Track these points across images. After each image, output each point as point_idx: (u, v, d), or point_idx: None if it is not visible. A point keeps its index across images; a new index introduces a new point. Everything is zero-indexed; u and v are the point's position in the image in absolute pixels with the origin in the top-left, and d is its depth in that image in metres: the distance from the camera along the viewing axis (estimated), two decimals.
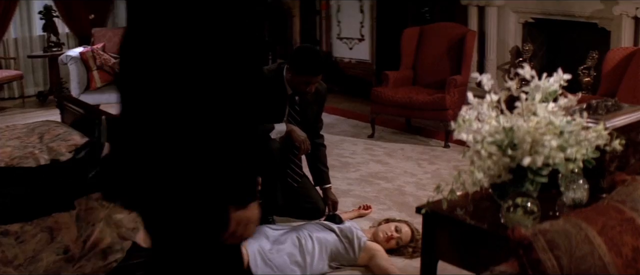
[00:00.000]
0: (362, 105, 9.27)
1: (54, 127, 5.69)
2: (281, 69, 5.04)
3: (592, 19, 7.76)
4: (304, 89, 4.97)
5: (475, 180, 2.47)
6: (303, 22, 11.09)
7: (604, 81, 6.79)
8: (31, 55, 11.32)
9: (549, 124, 2.45)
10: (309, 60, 4.90)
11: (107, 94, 8.99)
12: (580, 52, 7.78)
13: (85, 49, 9.22)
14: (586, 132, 2.61)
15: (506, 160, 2.47)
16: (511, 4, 8.52)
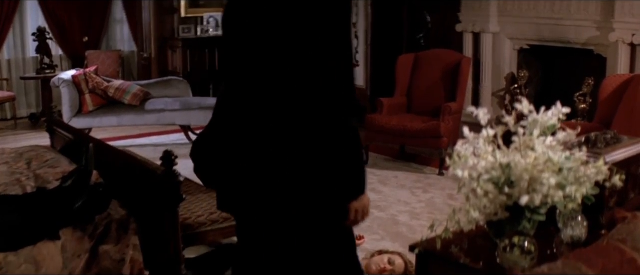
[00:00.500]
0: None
1: (43, 153, 5.60)
2: None
3: (588, 45, 7.71)
4: None
5: (470, 218, 2.38)
6: None
7: (600, 108, 6.71)
8: (24, 77, 11.26)
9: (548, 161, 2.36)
10: None
11: (99, 117, 8.89)
12: (576, 79, 7.73)
13: (77, 72, 9.13)
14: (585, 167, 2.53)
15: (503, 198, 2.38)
16: (506, 31, 8.46)
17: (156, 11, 11.52)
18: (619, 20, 7.24)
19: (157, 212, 4.18)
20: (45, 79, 10.52)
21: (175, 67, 11.40)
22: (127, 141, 9.39)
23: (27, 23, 11.69)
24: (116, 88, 9.07)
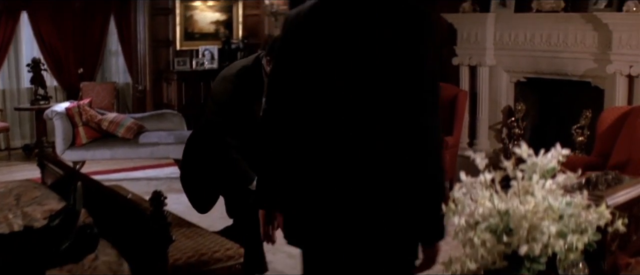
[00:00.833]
0: None
1: (32, 189, 5.49)
2: (259, 61, 4.76)
3: (585, 77, 7.64)
4: None
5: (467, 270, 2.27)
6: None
7: (599, 141, 6.62)
8: (18, 108, 11.21)
9: (548, 209, 2.25)
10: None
11: (93, 150, 8.81)
12: (574, 111, 7.65)
13: (71, 105, 9.04)
14: (587, 213, 2.41)
15: (501, 247, 2.27)
16: (503, 64, 8.39)
17: (151, 44, 11.48)
18: (616, 52, 7.19)
19: (147, 253, 4.07)
20: (39, 110, 10.45)
21: (170, 100, 11.35)
22: (120, 174, 9.31)
23: (23, 54, 11.66)
24: (110, 121, 8.98)
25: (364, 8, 2.62)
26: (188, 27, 11.69)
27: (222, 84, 4.76)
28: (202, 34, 11.80)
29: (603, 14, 7.25)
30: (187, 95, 11.16)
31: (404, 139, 2.63)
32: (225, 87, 4.71)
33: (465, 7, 8.57)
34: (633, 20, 7.01)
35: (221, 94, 4.71)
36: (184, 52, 11.65)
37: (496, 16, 8.27)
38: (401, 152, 2.63)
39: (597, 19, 7.29)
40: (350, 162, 2.66)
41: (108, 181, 8.67)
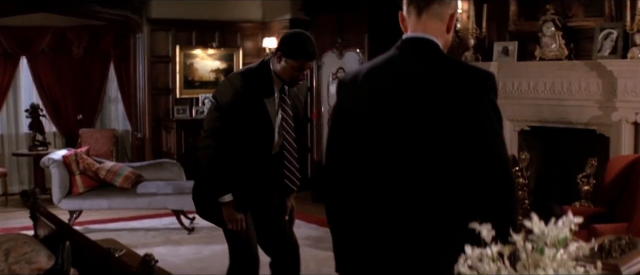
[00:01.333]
0: None
1: (22, 244, 5.29)
2: (266, 63, 4.62)
3: (590, 125, 7.50)
4: (295, 76, 4.50)
5: None
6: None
7: (606, 191, 6.47)
8: (16, 153, 11.14)
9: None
10: (302, 43, 4.46)
11: (90, 199, 8.65)
12: (579, 160, 7.47)
13: (68, 153, 8.90)
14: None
15: None
16: (506, 113, 8.22)
17: (151, 91, 11.37)
18: (622, 99, 7.07)
19: None
20: (37, 156, 10.40)
21: (169, 148, 11.20)
22: (118, 224, 9.17)
23: (21, 99, 11.67)
24: (107, 170, 8.83)
25: (427, 69, 2.68)
26: (188, 75, 11.59)
27: (226, 84, 4.58)
28: (202, 82, 11.68)
29: (607, 61, 7.14)
30: (186, 143, 10.99)
31: (485, 197, 2.62)
32: (230, 85, 4.53)
33: (468, 56, 8.44)
34: (638, 66, 6.90)
35: (225, 94, 4.50)
36: (184, 100, 11.53)
37: (499, 65, 8.13)
38: (483, 209, 2.61)
39: (601, 66, 7.18)
40: (424, 221, 2.68)
41: (105, 231, 8.55)
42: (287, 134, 4.67)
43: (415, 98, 2.66)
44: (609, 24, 7.32)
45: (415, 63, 2.71)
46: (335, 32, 10.07)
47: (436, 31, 2.72)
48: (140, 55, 11.38)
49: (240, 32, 11.94)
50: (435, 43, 2.71)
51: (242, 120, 4.46)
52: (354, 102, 2.82)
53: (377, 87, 2.75)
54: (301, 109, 4.94)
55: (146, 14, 11.20)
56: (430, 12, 2.71)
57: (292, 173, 4.73)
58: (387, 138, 2.71)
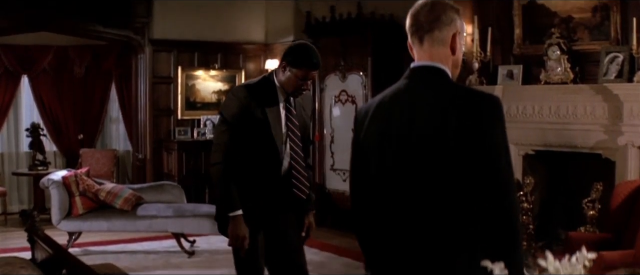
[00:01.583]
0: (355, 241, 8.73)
1: (19, 268, 5.18)
2: (269, 76, 4.67)
3: (596, 149, 7.42)
4: (299, 86, 4.53)
5: None
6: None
7: (613, 217, 6.38)
8: (16, 173, 11.09)
9: None
10: (306, 52, 4.53)
11: (89, 221, 8.54)
12: (584, 184, 7.37)
13: (68, 173, 8.81)
14: None
15: None
16: (511, 137, 8.04)
17: (152, 112, 11.29)
18: (628, 123, 7.00)
19: None
20: (37, 175, 10.32)
21: (170, 169, 11.10)
22: (118, 246, 9.08)
23: (22, 118, 11.67)
24: (108, 192, 8.72)
25: (434, 98, 2.72)
26: (190, 97, 11.50)
27: (230, 97, 4.63)
28: (204, 103, 11.60)
29: (614, 85, 7.08)
30: (187, 165, 10.90)
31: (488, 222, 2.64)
32: (234, 97, 4.56)
33: (472, 79, 8.37)
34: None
35: (230, 106, 4.53)
36: (186, 122, 11.44)
37: (503, 89, 8.05)
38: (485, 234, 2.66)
39: (607, 90, 7.12)
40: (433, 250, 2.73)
41: (104, 253, 8.46)
42: (294, 143, 4.67)
43: (423, 128, 2.71)
44: (614, 47, 7.28)
45: (423, 93, 2.76)
46: (338, 54, 10.00)
47: (441, 56, 2.78)
48: (142, 75, 11.31)
49: (242, 54, 11.89)
50: (442, 70, 2.77)
51: (249, 131, 4.48)
52: (366, 135, 2.87)
53: (386, 119, 2.80)
54: (308, 121, 4.95)
55: (148, 35, 11.15)
56: (432, 39, 2.77)
57: (299, 181, 4.71)
58: (397, 169, 2.76)
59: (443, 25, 2.75)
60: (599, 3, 7.41)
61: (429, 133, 2.68)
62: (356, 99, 9.87)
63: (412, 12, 2.82)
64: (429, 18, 2.76)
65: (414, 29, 2.80)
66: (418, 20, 2.79)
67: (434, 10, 2.77)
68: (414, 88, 2.78)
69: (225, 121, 4.51)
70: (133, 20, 11.05)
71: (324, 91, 10.37)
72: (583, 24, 7.62)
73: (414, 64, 2.82)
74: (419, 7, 2.80)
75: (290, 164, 4.66)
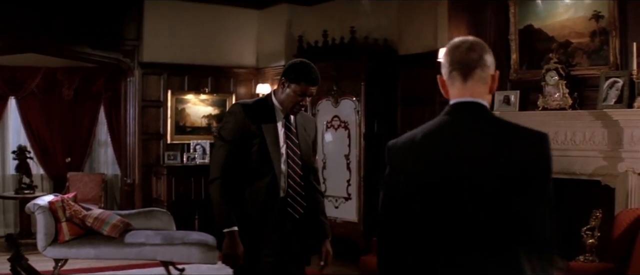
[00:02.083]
0: (348, 269, 8.53)
1: None
2: (268, 96, 4.65)
3: (595, 176, 7.26)
4: (298, 102, 4.49)
5: None
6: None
7: (614, 246, 6.19)
8: (2, 196, 10.92)
9: None
10: (306, 68, 4.52)
11: (76, 248, 8.23)
12: (583, 212, 7.17)
13: (54, 198, 8.53)
14: None
15: None
16: None
17: (141, 136, 11.07)
18: (628, 149, 6.84)
19: None
20: (24, 199, 10.11)
21: (159, 195, 10.84)
22: (105, 273, 8.84)
23: (9, 140, 11.59)
24: (95, 218, 8.43)
25: (492, 135, 2.75)
26: (180, 121, 11.29)
27: (227, 115, 4.67)
28: (194, 127, 11.39)
29: (613, 111, 6.93)
30: (177, 191, 10.66)
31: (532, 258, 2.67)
32: (230, 114, 4.58)
33: None
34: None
35: (226, 122, 4.54)
36: (175, 146, 11.22)
37: (500, 115, 7.83)
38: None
39: (607, 115, 6.97)
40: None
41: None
42: (293, 162, 4.59)
43: (477, 163, 2.71)
44: (614, 72, 7.15)
45: (479, 129, 2.78)
46: (330, 79, 9.80)
47: (482, 94, 2.82)
48: (131, 99, 11.11)
49: (233, 78, 11.72)
50: (485, 106, 2.82)
51: (245, 147, 4.43)
52: (411, 166, 2.80)
53: (437, 152, 2.77)
54: (311, 144, 4.82)
55: (138, 58, 10.96)
56: (475, 78, 2.79)
57: (295, 200, 4.60)
58: (450, 202, 2.71)
59: (485, 66, 2.78)
60: (597, 28, 7.30)
61: (496, 170, 2.69)
62: (349, 125, 9.69)
63: (452, 49, 2.82)
64: (473, 57, 2.78)
65: (458, 66, 2.79)
66: (462, 58, 2.79)
67: (476, 49, 2.79)
68: (466, 124, 2.79)
69: (222, 138, 4.48)
70: (123, 42, 10.89)
71: (315, 116, 10.16)
72: (581, 49, 7.49)
73: (455, 100, 2.82)
74: (459, 44, 2.81)
75: (287, 183, 4.57)
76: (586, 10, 7.39)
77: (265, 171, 4.47)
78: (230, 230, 4.37)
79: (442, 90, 2.87)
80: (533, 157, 2.71)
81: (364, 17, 10.00)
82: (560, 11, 7.62)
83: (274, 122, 4.54)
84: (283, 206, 4.55)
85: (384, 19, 9.90)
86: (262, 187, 4.47)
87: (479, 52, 2.79)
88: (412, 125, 9.49)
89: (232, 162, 4.42)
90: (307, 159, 4.68)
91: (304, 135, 4.69)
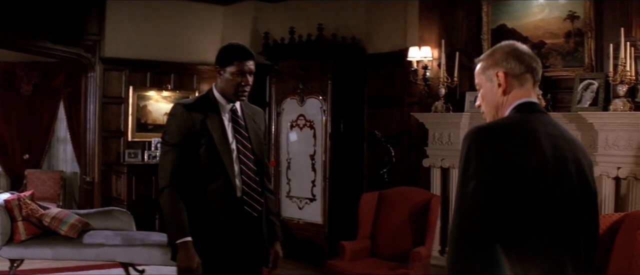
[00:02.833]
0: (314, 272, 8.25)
1: None
2: (209, 91, 4.36)
3: None
4: (238, 83, 4.21)
5: None
6: None
7: None
8: None
9: None
10: (233, 47, 4.29)
11: (32, 248, 7.81)
12: None
13: (10, 197, 8.12)
14: None
15: None
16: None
17: (102, 133, 10.68)
18: (603, 153, 6.65)
19: None
20: None
21: (119, 193, 10.47)
22: (63, 274, 8.48)
23: None
24: (53, 217, 8.03)
25: (568, 132, 2.83)
26: (141, 118, 10.92)
27: (168, 118, 4.33)
28: (155, 125, 10.98)
29: (588, 113, 6.76)
30: (137, 190, 10.30)
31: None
32: (170, 117, 4.27)
33: (438, 106, 7.99)
34: (620, 119, 6.51)
35: (169, 125, 4.25)
36: (136, 144, 10.86)
37: (471, 116, 7.73)
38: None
39: (581, 118, 6.79)
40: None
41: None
42: (245, 157, 4.30)
43: (581, 159, 2.76)
44: (589, 74, 7.01)
45: (559, 126, 2.83)
46: (297, 78, 9.54)
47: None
48: (92, 95, 10.73)
49: (196, 75, 11.39)
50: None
51: (192, 148, 4.15)
52: (530, 164, 2.61)
53: (551, 149, 2.68)
54: (258, 131, 4.50)
55: (99, 53, 10.60)
56: (537, 83, 2.87)
57: (251, 197, 4.30)
58: (567, 196, 2.68)
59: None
60: (572, 28, 7.15)
61: (584, 163, 2.77)
62: (315, 124, 9.43)
63: (525, 52, 2.86)
64: (538, 63, 2.87)
65: (533, 69, 2.83)
66: (533, 62, 2.85)
67: (536, 57, 2.89)
68: (549, 121, 2.80)
69: (166, 142, 4.20)
70: (84, 37, 10.52)
71: (280, 115, 9.89)
72: (555, 50, 7.35)
73: (527, 99, 2.81)
74: (527, 50, 2.88)
75: (242, 180, 4.27)
76: (561, 11, 7.23)
77: (218, 172, 4.18)
78: (183, 241, 4.05)
79: (500, 85, 2.82)
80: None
81: (332, 15, 9.73)
82: (535, 11, 7.44)
83: (219, 117, 4.25)
84: (240, 206, 4.26)
85: (352, 17, 9.67)
86: (217, 189, 4.17)
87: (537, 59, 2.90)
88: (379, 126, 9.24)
89: (181, 167, 4.12)
90: (259, 152, 4.40)
91: (254, 127, 4.42)
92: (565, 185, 2.65)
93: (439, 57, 8.13)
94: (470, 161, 2.56)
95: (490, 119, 2.85)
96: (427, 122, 8.28)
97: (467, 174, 2.55)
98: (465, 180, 2.56)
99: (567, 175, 2.66)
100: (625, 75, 6.38)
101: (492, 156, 2.55)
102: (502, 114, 2.79)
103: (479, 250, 2.51)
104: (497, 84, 2.80)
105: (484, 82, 2.87)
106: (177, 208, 4.07)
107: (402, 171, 8.83)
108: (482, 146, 2.58)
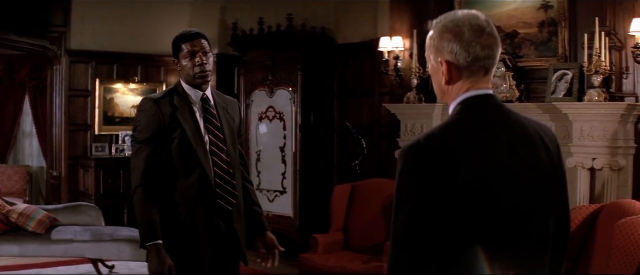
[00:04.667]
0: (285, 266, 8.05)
1: None
2: (177, 84, 4.23)
3: None
4: (196, 65, 4.06)
5: None
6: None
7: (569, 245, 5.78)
8: None
9: None
10: (178, 35, 4.17)
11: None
12: None
13: None
14: None
15: None
16: None
17: (68, 127, 10.39)
18: (577, 144, 6.50)
19: None
20: None
21: (87, 188, 10.19)
22: (30, 271, 8.21)
23: None
24: (20, 213, 7.76)
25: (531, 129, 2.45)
26: (108, 111, 10.63)
27: (137, 113, 4.22)
28: (123, 118, 10.70)
29: (563, 104, 6.60)
30: (105, 184, 10.01)
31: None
32: (139, 113, 4.15)
33: (410, 97, 7.83)
34: (595, 110, 6.37)
35: (138, 122, 4.10)
36: (104, 138, 10.57)
37: (443, 107, 7.53)
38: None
39: (556, 109, 6.63)
40: None
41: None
42: (217, 148, 4.14)
43: (544, 158, 2.45)
44: (563, 64, 6.85)
45: (517, 122, 2.45)
46: (266, 69, 9.33)
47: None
48: (58, 88, 10.44)
49: (164, 67, 11.11)
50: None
51: (165, 145, 4.00)
52: (481, 173, 2.22)
53: (501, 151, 2.32)
54: (231, 121, 4.33)
55: (65, 45, 10.31)
56: (492, 72, 2.44)
57: (225, 190, 4.13)
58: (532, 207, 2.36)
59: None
60: (546, 18, 7.01)
61: (546, 162, 2.42)
62: (284, 116, 9.23)
63: (473, 37, 2.33)
64: (493, 46, 2.38)
65: (485, 58, 2.36)
66: (485, 48, 2.36)
67: (495, 35, 2.39)
68: (503, 116, 2.42)
69: (137, 140, 4.05)
70: (49, 29, 10.22)
71: (250, 107, 9.67)
72: (529, 40, 7.22)
73: (475, 93, 2.37)
74: (479, 27, 2.35)
75: (214, 173, 4.09)
76: (535, 0, 7.06)
77: (192, 167, 4.01)
78: (154, 244, 3.87)
79: (445, 76, 2.37)
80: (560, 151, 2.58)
81: (301, 5, 9.52)
82: (508, 1, 7.28)
83: (190, 109, 4.09)
84: (214, 200, 4.08)
85: (322, 6, 9.48)
86: (192, 185, 4.00)
87: (497, 37, 2.42)
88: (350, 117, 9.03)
89: (153, 164, 3.94)
90: (233, 143, 4.22)
91: (227, 118, 4.25)
92: (524, 190, 2.31)
93: (410, 48, 7.97)
94: (403, 186, 2.20)
95: (439, 99, 2.59)
96: (399, 113, 8.12)
97: (402, 199, 2.20)
98: (399, 208, 2.21)
99: (526, 180, 2.33)
100: (600, 65, 6.23)
101: (429, 177, 2.18)
102: (448, 101, 2.42)
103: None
104: (441, 72, 2.38)
105: (430, 60, 2.45)
106: (149, 209, 3.91)
107: (374, 163, 8.68)
108: (416, 166, 2.20)
